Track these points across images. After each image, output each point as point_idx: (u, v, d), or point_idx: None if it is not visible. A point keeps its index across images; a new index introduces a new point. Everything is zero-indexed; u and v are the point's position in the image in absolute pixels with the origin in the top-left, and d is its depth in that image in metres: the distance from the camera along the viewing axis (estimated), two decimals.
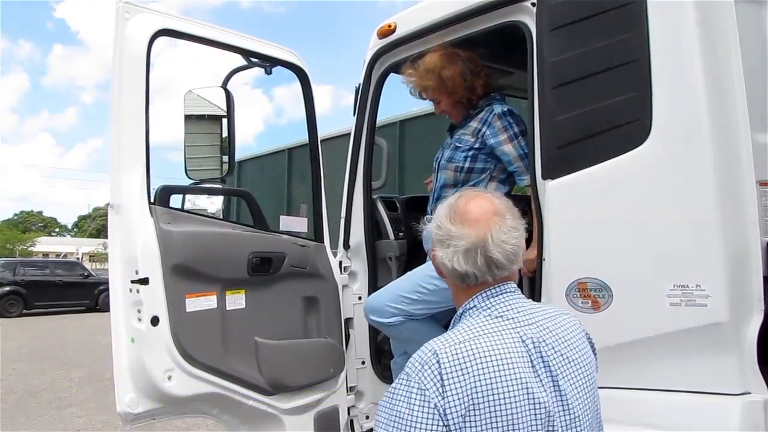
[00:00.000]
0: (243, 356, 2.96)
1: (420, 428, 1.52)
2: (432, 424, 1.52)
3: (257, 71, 3.48)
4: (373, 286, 3.65)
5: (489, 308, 1.73)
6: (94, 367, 11.95)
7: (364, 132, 3.63)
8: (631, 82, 2.44)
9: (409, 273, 3.29)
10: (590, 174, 2.52)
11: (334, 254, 3.59)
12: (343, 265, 3.61)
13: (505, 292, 1.76)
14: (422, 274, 3.13)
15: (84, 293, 24.07)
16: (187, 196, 3.27)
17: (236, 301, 3.01)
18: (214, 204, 3.87)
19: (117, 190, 2.76)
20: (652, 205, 2.38)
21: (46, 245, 57.64)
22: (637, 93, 2.42)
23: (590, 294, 2.48)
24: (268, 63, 3.37)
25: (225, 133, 3.35)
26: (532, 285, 2.89)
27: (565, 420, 1.64)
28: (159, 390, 2.76)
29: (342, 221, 3.67)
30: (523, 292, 2.94)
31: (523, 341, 1.66)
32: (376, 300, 3.32)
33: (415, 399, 1.55)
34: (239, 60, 3.38)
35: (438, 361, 1.57)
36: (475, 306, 1.75)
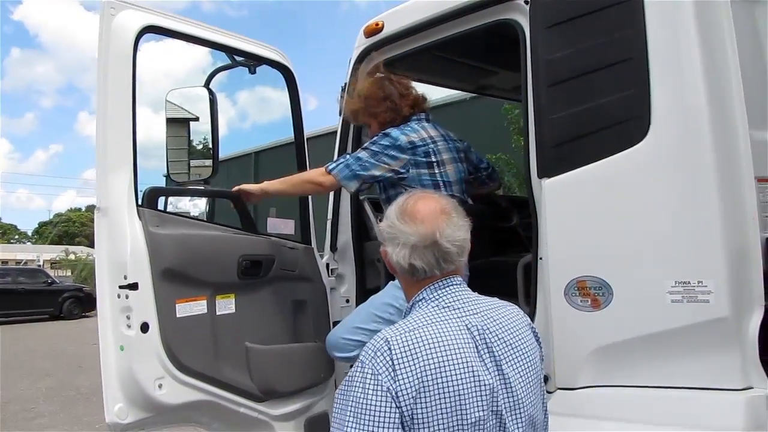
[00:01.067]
0: (234, 362, 2.90)
1: (374, 410, 1.63)
2: (385, 406, 1.63)
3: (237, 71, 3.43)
4: (361, 288, 3.61)
5: (437, 299, 1.87)
6: (61, 376, 11.70)
7: (350, 133, 3.58)
8: (628, 79, 2.43)
9: (363, 304, 3.20)
10: (588, 172, 2.50)
11: (321, 257, 3.53)
12: (330, 268, 3.56)
13: (452, 285, 1.89)
14: (378, 303, 3.04)
15: (48, 301, 23.61)
16: (169, 199, 3.20)
17: (226, 305, 2.94)
18: (196, 207, 3.80)
19: (103, 192, 2.68)
20: (652, 201, 2.37)
21: (5, 252, 56.38)
22: (635, 90, 2.40)
23: (590, 292, 2.46)
24: (254, 62, 3.32)
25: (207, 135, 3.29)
26: (527, 285, 2.87)
27: (509, 401, 1.77)
28: (149, 399, 2.68)
29: (329, 223, 3.62)
30: (517, 294, 2.99)
31: (469, 329, 1.79)
32: (334, 336, 3.19)
33: (369, 383, 1.65)
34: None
35: (389, 348, 1.69)
36: (424, 298, 1.88)
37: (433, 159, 3.05)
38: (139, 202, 2.73)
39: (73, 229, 70.42)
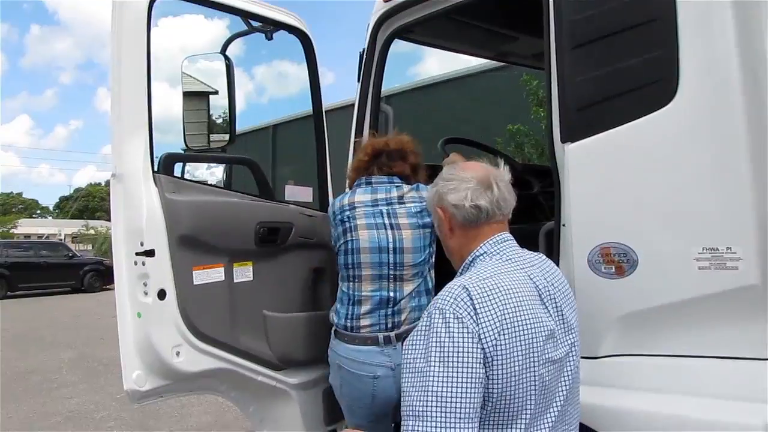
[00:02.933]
0: (251, 330, 2.89)
1: (461, 351, 1.73)
2: (472, 347, 1.74)
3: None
4: None
5: (499, 253, 2.05)
6: (83, 348, 11.85)
7: (369, 98, 3.52)
8: (656, 40, 2.35)
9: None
10: (612, 136, 2.42)
11: None
12: None
13: (508, 240, 2.11)
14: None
15: (69, 274, 23.91)
16: (186, 169, 3.16)
17: (244, 273, 2.91)
18: (214, 175, 3.76)
19: (119, 158, 2.65)
20: (679, 166, 2.29)
21: (27, 227, 56.91)
22: (662, 51, 2.32)
23: (614, 259, 2.41)
24: (270, 26, 3.25)
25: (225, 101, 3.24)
26: (549, 252, 2.82)
27: (569, 343, 2.01)
28: (167, 366, 2.67)
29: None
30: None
31: (531, 279, 1.98)
32: None
33: (453, 327, 1.75)
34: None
35: (469, 294, 1.81)
36: (486, 252, 2.05)
37: (347, 225, 2.91)
38: (155, 169, 2.70)
39: (93, 203, 70.97)
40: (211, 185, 3.05)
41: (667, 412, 2.21)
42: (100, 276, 24.32)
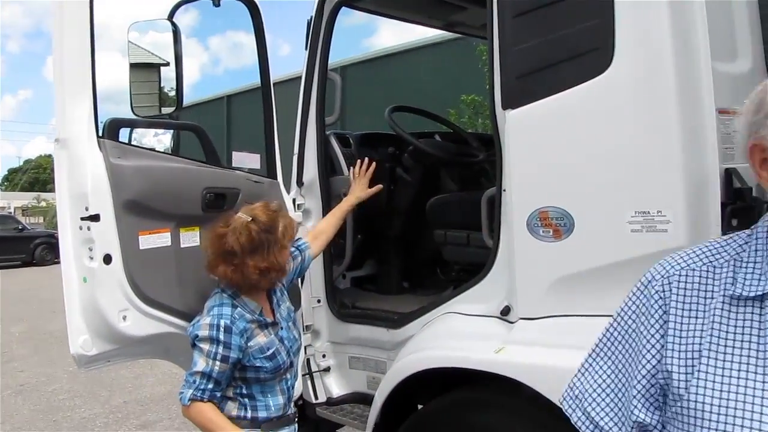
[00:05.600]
0: (199, 295, 2.89)
1: None
2: None
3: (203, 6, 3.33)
4: None
5: None
6: (33, 321, 11.71)
7: (317, 67, 3.54)
8: (593, 9, 2.41)
9: None
10: (551, 103, 2.49)
11: (287, 192, 3.51)
12: (296, 203, 3.54)
13: None
14: None
15: (19, 247, 23.51)
16: (132, 137, 3.14)
17: (191, 238, 2.92)
18: (161, 143, 3.74)
19: (62, 123, 2.63)
20: (613, 133, 2.37)
21: None
22: (599, 21, 2.39)
23: (551, 223, 2.48)
24: None
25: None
26: (491, 217, 2.89)
27: None
28: (114, 331, 2.68)
29: (295, 158, 3.59)
30: (481, 227, 3.00)
31: None
32: None
33: None
34: None
35: None
36: None
37: None
38: (100, 134, 2.68)
39: (44, 176, 69.37)
40: (157, 151, 3.03)
41: None
42: (52, 249, 23.86)
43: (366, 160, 3.44)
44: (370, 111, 7.13)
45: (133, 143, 3.03)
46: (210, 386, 2.51)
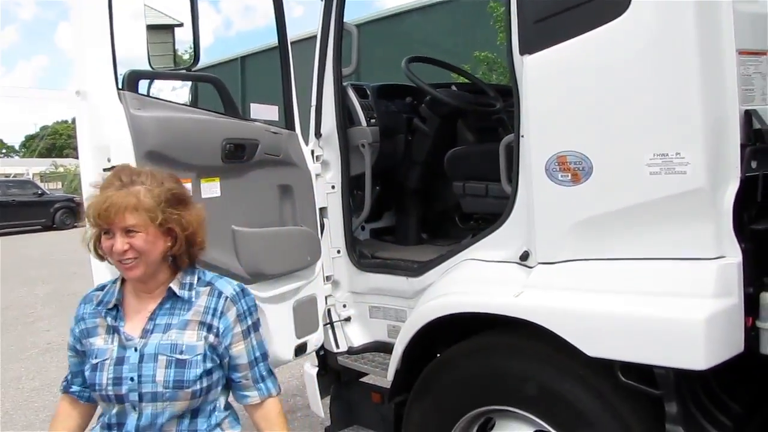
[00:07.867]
0: (220, 245, 2.93)
1: None
2: None
3: None
4: (347, 174, 3.63)
5: None
6: (57, 283, 11.88)
7: (333, 17, 3.52)
8: None
9: None
10: (568, 47, 2.47)
11: (305, 143, 3.52)
12: (315, 154, 3.56)
13: None
14: None
15: (39, 212, 23.73)
16: (151, 92, 3.15)
17: (211, 189, 2.95)
18: (178, 98, 3.74)
19: (82, 76, 2.64)
20: (631, 75, 2.35)
21: None
22: None
23: (570, 167, 2.48)
24: None
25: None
26: (509, 164, 2.90)
27: None
28: None
29: (312, 109, 3.60)
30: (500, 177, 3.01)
31: None
32: None
33: None
34: None
35: None
36: None
37: None
38: (119, 86, 2.70)
39: (60, 141, 69.64)
40: (176, 103, 3.05)
41: (621, 312, 2.32)
42: (71, 213, 24.14)
43: None
44: (384, 68, 7.10)
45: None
46: (69, 377, 2.25)
